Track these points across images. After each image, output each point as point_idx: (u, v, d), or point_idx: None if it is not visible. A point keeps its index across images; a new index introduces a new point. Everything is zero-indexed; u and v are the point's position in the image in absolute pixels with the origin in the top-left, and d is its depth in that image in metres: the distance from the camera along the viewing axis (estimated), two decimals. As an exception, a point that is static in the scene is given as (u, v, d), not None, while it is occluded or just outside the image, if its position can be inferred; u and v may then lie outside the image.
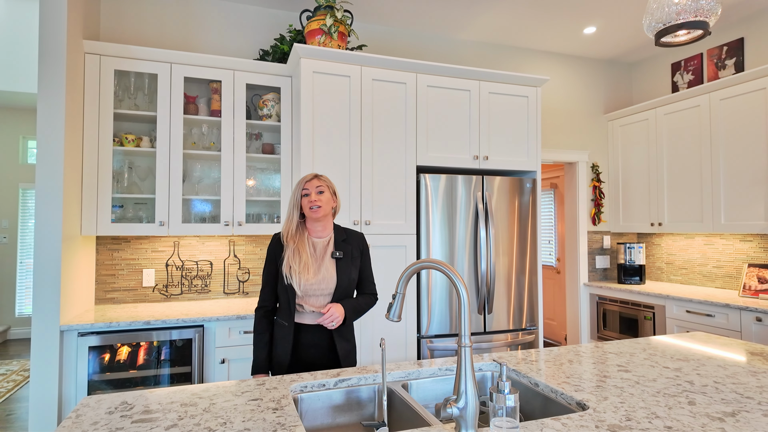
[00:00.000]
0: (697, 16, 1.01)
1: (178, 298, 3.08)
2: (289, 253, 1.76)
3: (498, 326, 3.12)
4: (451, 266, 1.06)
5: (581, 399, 1.29)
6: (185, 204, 3.01)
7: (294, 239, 1.78)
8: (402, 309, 1.20)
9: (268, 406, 1.25)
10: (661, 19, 1.07)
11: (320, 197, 1.78)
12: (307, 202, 1.77)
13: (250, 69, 2.97)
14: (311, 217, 1.79)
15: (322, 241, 1.83)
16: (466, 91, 3.16)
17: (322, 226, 1.83)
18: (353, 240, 1.88)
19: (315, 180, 1.80)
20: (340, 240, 1.86)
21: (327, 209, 1.80)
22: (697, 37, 1.15)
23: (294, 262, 1.74)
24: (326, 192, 1.81)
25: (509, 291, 3.16)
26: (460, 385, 1.06)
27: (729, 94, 3.34)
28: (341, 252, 1.83)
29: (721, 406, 1.23)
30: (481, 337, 3.07)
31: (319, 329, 1.79)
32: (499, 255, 3.13)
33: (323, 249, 1.82)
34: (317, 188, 1.79)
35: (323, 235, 1.84)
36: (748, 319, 2.91)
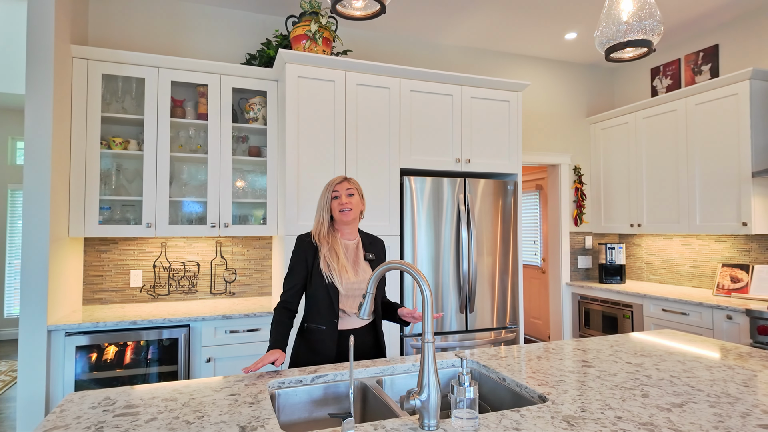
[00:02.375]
0: (643, 35, 1.09)
1: (165, 298, 3.13)
2: (325, 252, 1.76)
3: (480, 325, 3.20)
4: (416, 267, 1.13)
5: (543, 392, 1.37)
6: (172, 206, 3.06)
7: (327, 239, 1.79)
8: (372, 308, 1.27)
9: (245, 401, 1.31)
10: (611, 37, 1.15)
11: (350, 200, 1.79)
12: (338, 204, 1.78)
13: (237, 73, 3.03)
14: (341, 220, 1.79)
15: (351, 244, 1.86)
16: (449, 95, 3.23)
17: (350, 228, 1.85)
18: (377, 244, 1.93)
19: (345, 183, 1.81)
20: (367, 243, 1.89)
21: (356, 212, 1.82)
22: (642, 54, 1.23)
23: (332, 261, 1.75)
24: (356, 195, 1.82)
25: (491, 290, 3.24)
26: (423, 379, 1.13)
27: (704, 99, 3.45)
28: (372, 254, 1.87)
29: (672, 398, 1.31)
30: (464, 335, 3.14)
31: (364, 331, 1.81)
32: (480, 255, 3.21)
33: (354, 251, 1.84)
34: (347, 191, 1.80)
35: (351, 238, 1.86)
36: (720, 317, 3.02)
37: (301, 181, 2.82)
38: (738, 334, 2.91)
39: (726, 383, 1.43)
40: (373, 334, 1.87)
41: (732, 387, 1.40)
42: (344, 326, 1.80)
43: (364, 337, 1.84)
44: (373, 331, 1.87)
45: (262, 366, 1.56)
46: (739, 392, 1.35)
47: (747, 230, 3.13)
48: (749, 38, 3.49)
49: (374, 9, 1.35)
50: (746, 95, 3.16)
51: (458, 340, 3.13)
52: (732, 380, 1.46)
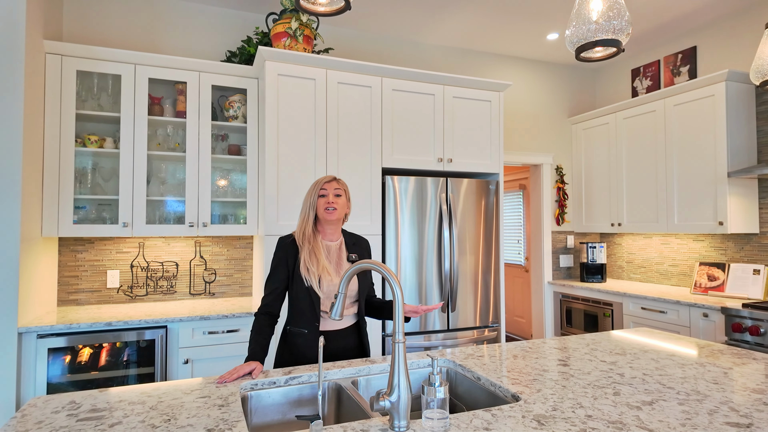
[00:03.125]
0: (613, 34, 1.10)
1: (143, 299, 3.08)
2: (305, 255, 1.74)
3: (462, 324, 3.21)
4: (387, 267, 1.12)
5: (516, 391, 1.37)
6: (150, 205, 3.01)
7: (309, 241, 1.76)
8: (344, 308, 1.26)
9: (215, 403, 1.29)
10: (581, 36, 1.15)
11: (337, 200, 1.79)
12: (324, 203, 1.77)
13: (216, 70, 2.99)
14: (325, 219, 1.78)
15: (334, 245, 1.84)
16: (431, 95, 3.23)
17: (333, 229, 1.83)
18: (361, 244, 1.91)
19: (334, 182, 1.81)
20: (350, 243, 1.88)
21: (341, 213, 1.81)
22: (611, 54, 1.23)
23: (312, 264, 1.72)
24: (343, 196, 1.82)
25: (473, 289, 3.25)
26: (393, 379, 1.12)
27: (682, 100, 3.50)
28: (356, 255, 1.86)
29: (643, 396, 1.32)
30: (446, 334, 3.15)
31: (347, 333, 1.79)
32: (462, 255, 3.21)
33: (336, 252, 1.83)
34: (335, 191, 1.80)
35: (334, 239, 1.85)
36: (696, 315, 3.06)
37: (281, 181, 2.79)
38: (714, 331, 2.96)
39: (696, 381, 1.45)
40: (356, 336, 1.85)
41: (702, 384, 1.41)
42: (326, 328, 1.78)
43: (347, 339, 1.81)
44: (357, 333, 1.85)
45: (237, 377, 1.50)
46: (709, 390, 1.37)
47: (723, 229, 3.18)
48: (726, 40, 3.55)
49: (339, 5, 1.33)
50: (722, 96, 3.21)
51: (441, 339, 3.13)
52: (702, 378, 1.48)
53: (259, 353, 1.65)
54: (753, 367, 1.59)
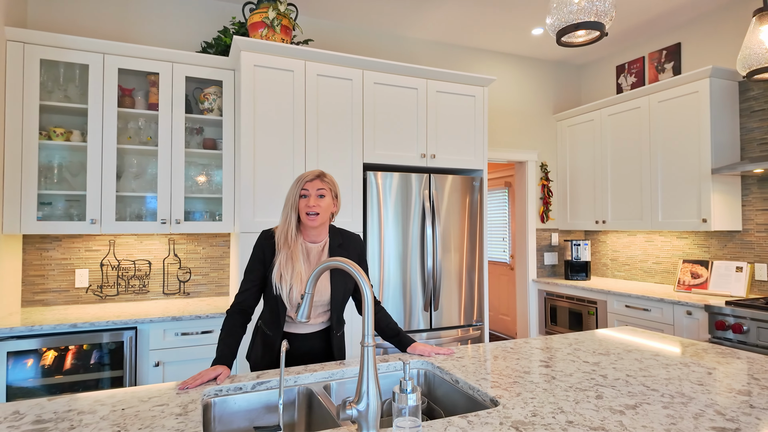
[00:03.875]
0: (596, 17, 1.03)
1: (114, 299, 2.95)
2: (281, 260, 1.60)
3: (444, 323, 3.14)
4: (357, 265, 1.04)
5: (495, 395, 1.30)
6: (120, 201, 2.88)
7: (289, 245, 1.61)
8: (311, 310, 1.18)
9: (173, 412, 1.20)
10: (562, 19, 1.08)
11: (320, 202, 1.60)
12: (305, 205, 1.59)
13: (190, 61, 2.87)
14: (308, 224, 1.61)
15: (316, 247, 1.69)
16: (414, 89, 3.16)
17: (317, 230, 1.67)
18: (350, 244, 1.73)
19: (317, 181, 1.61)
20: (335, 245, 1.70)
21: (325, 216, 1.63)
22: (595, 38, 1.17)
23: (286, 271, 1.59)
24: (327, 196, 1.63)
25: (456, 288, 3.18)
26: (362, 386, 1.04)
27: (666, 96, 3.47)
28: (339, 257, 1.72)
29: (626, 399, 1.26)
30: (428, 334, 3.08)
31: (313, 337, 1.69)
32: (445, 252, 3.15)
33: (317, 255, 1.68)
34: (318, 191, 1.60)
35: (318, 240, 1.69)
36: (680, 313, 3.04)
37: (257, 176, 2.69)
38: (697, 329, 2.94)
39: (681, 382, 1.40)
40: (324, 340, 1.72)
41: (687, 386, 1.36)
42: (292, 330, 1.69)
43: (313, 343, 1.70)
44: (325, 337, 1.72)
45: (201, 383, 1.39)
46: (694, 391, 1.31)
47: (707, 227, 3.17)
48: (710, 37, 3.53)
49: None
50: (706, 93, 3.19)
51: (424, 339, 3.06)
52: (687, 378, 1.43)
53: (227, 356, 1.53)
54: (737, 367, 1.54)
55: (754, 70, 1.35)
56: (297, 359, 1.70)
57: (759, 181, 3.19)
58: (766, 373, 1.48)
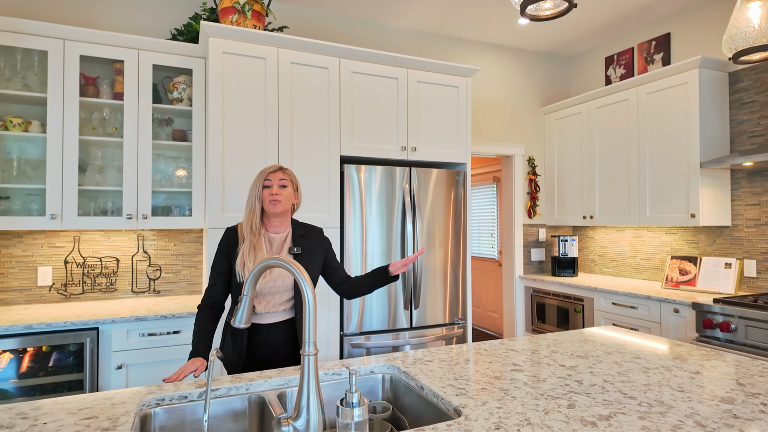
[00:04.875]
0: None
1: (79, 298, 2.82)
2: (244, 248, 1.67)
3: (425, 321, 3.04)
4: (297, 263, 0.93)
5: (459, 404, 1.20)
6: (83, 195, 2.75)
7: (254, 234, 1.70)
8: (250, 313, 1.06)
9: (100, 426, 1.08)
10: (528, -12, 0.98)
11: (282, 191, 1.71)
12: (268, 194, 1.70)
13: (157, 48, 2.73)
14: (269, 211, 1.71)
15: (279, 237, 1.76)
16: (394, 79, 3.03)
17: (280, 221, 1.76)
18: (313, 236, 1.82)
19: (279, 172, 1.73)
20: (298, 235, 1.79)
21: (287, 205, 1.73)
22: (563, 10, 1.06)
23: (249, 260, 1.66)
24: (289, 187, 1.74)
25: (439, 285, 3.08)
26: (301, 400, 0.93)
27: (655, 88, 3.37)
28: (299, 248, 1.76)
29: (600, 409, 1.16)
30: (408, 333, 2.97)
31: (278, 328, 1.72)
32: (427, 249, 3.04)
33: (280, 245, 1.76)
34: (280, 181, 1.72)
35: (280, 231, 1.78)
36: (667, 310, 2.95)
37: (227, 169, 2.57)
38: (685, 327, 2.85)
39: (661, 388, 1.30)
40: (290, 330, 1.76)
41: (667, 393, 1.26)
42: (257, 321, 1.71)
43: (279, 334, 1.73)
44: (290, 328, 1.76)
45: (184, 377, 1.45)
46: (674, 399, 1.21)
47: (695, 222, 3.08)
48: (700, 26, 3.44)
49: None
50: (695, 84, 3.09)
51: (408, 338, 2.96)
52: (668, 384, 1.33)
53: (203, 349, 1.60)
54: (722, 371, 1.45)
55: (740, 51, 1.24)
56: (263, 351, 1.71)
57: (749, 174, 3.10)
58: (752, 378, 1.38)
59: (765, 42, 1.20)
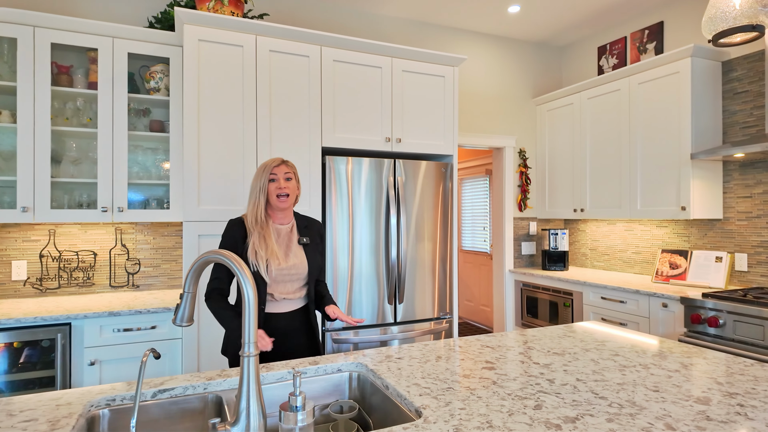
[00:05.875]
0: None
1: (55, 292, 2.77)
2: (254, 239, 1.70)
3: (410, 316, 2.98)
4: (238, 258, 0.86)
5: (421, 405, 1.14)
6: (58, 187, 2.68)
7: (261, 226, 1.73)
8: (192, 311, 1.00)
9: (37, 429, 1.02)
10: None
11: (288, 185, 1.74)
12: (275, 188, 1.73)
13: (132, 36, 2.65)
14: (277, 205, 1.74)
15: (285, 228, 1.80)
16: (378, 68, 2.96)
17: (284, 213, 1.79)
18: (313, 227, 1.88)
19: (283, 166, 1.75)
20: (302, 226, 1.84)
21: (293, 198, 1.78)
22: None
23: (260, 249, 1.69)
24: (293, 179, 1.77)
25: (423, 279, 3.02)
26: (240, 403, 0.87)
27: (646, 78, 3.30)
28: (307, 238, 1.82)
29: (568, 410, 1.10)
30: (397, 327, 2.92)
31: (293, 316, 1.76)
32: (411, 242, 2.98)
33: (287, 235, 1.80)
34: (285, 174, 1.74)
35: (285, 222, 1.81)
36: (656, 305, 2.90)
37: (203, 160, 2.50)
38: (673, 322, 2.80)
39: (635, 388, 1.24)
40: (304, 317, 1.79)
41: (640, 393, 1.20)
42: (273, 310, 1.73)
43: (295, 321, 1.76)
44: (305, 314, 1.79)
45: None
46: (647, 399, 1.16)
47: (685, 215, 3.01)
48: (693, 15, 3.35)
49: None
50: (687, 73, 3.02)
51: (396, 332, 2.90)
52: (643, 383, 1.27)
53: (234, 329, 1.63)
54: (702, 369, 1.39)
55: (720, 32, 1.17)
56: (278, 340, 1.72)
57: (741, 166, 3.03)
58: (732, 377, 1.32)
59: (746, 22, 1.13)
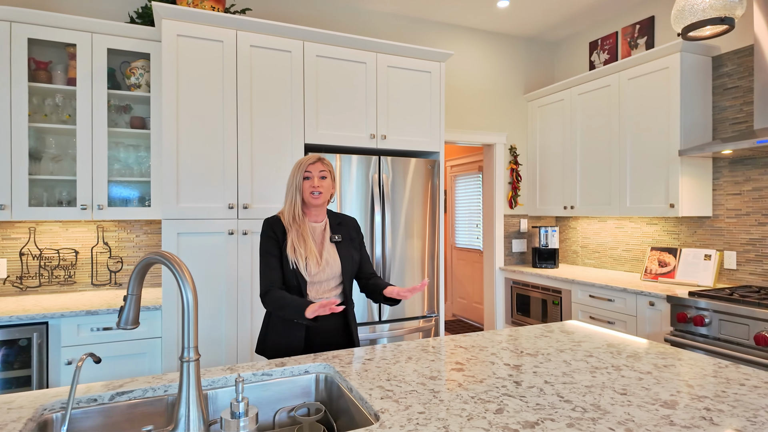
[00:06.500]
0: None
1: (36, 291, 2.74)
2: (293, 237, 1.69)
3: (398, 314, 2.96)
4: (179, 260, 0.84)
5: (380, 408, 1.11)
6: (37, 185, 2.65)
7: (298, 223, 1.72)
8: (138, 314, 0.97)
9: (-19, 435, 1.00)
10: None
11: (323, 183, 1.73)
12: (309, 186, 1.71)
13: (112, 32, 2.62)
14: (312, 203, 1.73)
15: (319, 226, 1.79)
16: (362, 63, 2.92)
17: (318, 211, 1.78)
18: (348, 223, 1.86)
19: (319, 164, 1.73)
20: (335, 224, 1.83)
21: (327, 196, 1.76)
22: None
23: (299, 246, 1.68)
24: (328, 178, 1.75)
25: (409, 277, 2.99)
26: (179, 410, 0.84)
27: (636, 73, 3.25)
28: (339, 235, 1.80)
29: (529, 414, 1.07)
30: (380, 326, 2.90)
31: (331, 317, 1.75)
32: (397, 240, 2.95)
33: (320, 234, 1.79)
34: (320, 173, 1.73)
35: (319, 220, 1.80)
36: (643, 303, 2.87)
37: (182, 157, 2.47)
38: (660, 321, 2.77)
39: (603, 390, 1.21)
40: (342, 318, 1.79)
41: (607, 396, 1.17)
42: None
43: (333, 322, 1.76)
44: (342, 313, 1.79)
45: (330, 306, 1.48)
46: (613, 402, 1.13)
47: (674, 212, 2.98)
48: (684, 9, 3.30)
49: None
50: (677, 68, 2.98)
51: (386, 330, 2.88)
52: (612, 386, 1.24)
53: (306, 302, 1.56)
54: (675, 371, 1.36)
55: (689, 26, 1.13)
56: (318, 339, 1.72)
57: (730, 163, 3.00)
58: (704, 379, 1.30)
59: (715, 15, 1.09)
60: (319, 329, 1.73)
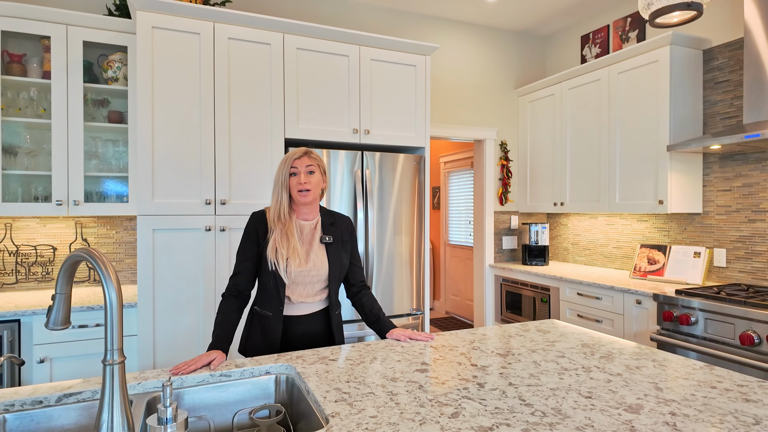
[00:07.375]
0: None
1: (12, 287, 2.70)
2: (276, 236, 1.60)
3: (390, 312, 2.90)
4: (105, 258, 0.79)
5: (333, 411, 1.07)
6: (11, 180, 2.61)
7: (284, 222, 1.62)
8: (68, 314, 0.92)
9: None
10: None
11: (310, 179, 1.62)
12: (296, 183, 1.61)
13: (87, 24, 2.56)
14: (300, 202, 1.63)
15: (309, 224, 1.69)
16: (344, 56, 2.86)
17: (309, 208, 1.68)
18: (341, 223, 1.75)
19: (305, 158, 1.63)
20: (327, 223, 1.72)
21: (316, 192, 1.65)
22: None
23: (281, 246, 1.59)
24: (317, 172, 1.64)
25: (394, 274, 2.95)
26: (102, 415, 0.80)
27: (626, 67, 3.19)
28: (330, 236, 1.69)
29: (485, 419, 1.02)
30: (360, 324, 2.85)
31: (312, 320, 1.68)
32: (381, 236, 2.90)
33: (311, 233, 1.68)
34: (307, 168, 1.62)
35: (310, 218, 1.70)
36: (630, 301, 2.82)
37: (157, 152, 2.42)
38: (647, 319, 2.72)
39: (568, 393, 1.16)
40: (324, 321, 1.71)
41: (571, 399, 1.13)
42: (291, 312, 1.65)
43: (314, 325, 1.68)
44: (325, 318, 1.71)
45: (195, 368, 1.34)
46: (575, 407, 1.08)
47: (663, 209, 2.92)
48: (675, 2, 3.23)
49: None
50: (666, 62, 2.91)
51: (354, 330, 2.84)
52: (578, 389, 1.19)
53: (223, 340, 1.52)
54: (646, 373, 1.31)
55: (656, 11, 1.08)
56: (298, 344, 1.66)
57: (720, 159, 2.94)
58: (675, 381, 1.25)
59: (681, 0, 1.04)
60: (299, 332, 1.66)
